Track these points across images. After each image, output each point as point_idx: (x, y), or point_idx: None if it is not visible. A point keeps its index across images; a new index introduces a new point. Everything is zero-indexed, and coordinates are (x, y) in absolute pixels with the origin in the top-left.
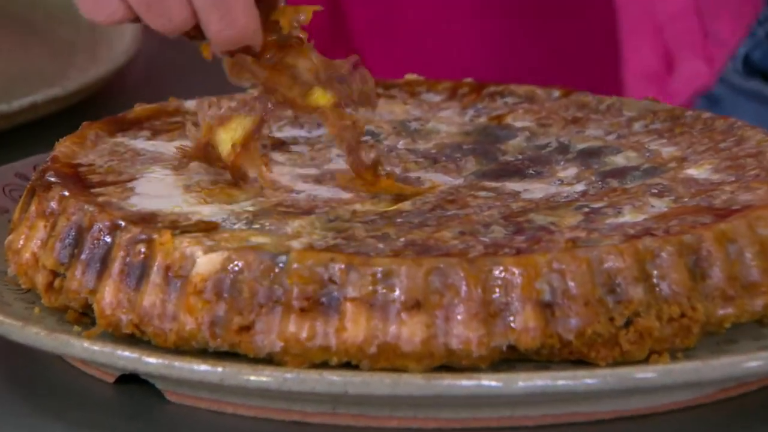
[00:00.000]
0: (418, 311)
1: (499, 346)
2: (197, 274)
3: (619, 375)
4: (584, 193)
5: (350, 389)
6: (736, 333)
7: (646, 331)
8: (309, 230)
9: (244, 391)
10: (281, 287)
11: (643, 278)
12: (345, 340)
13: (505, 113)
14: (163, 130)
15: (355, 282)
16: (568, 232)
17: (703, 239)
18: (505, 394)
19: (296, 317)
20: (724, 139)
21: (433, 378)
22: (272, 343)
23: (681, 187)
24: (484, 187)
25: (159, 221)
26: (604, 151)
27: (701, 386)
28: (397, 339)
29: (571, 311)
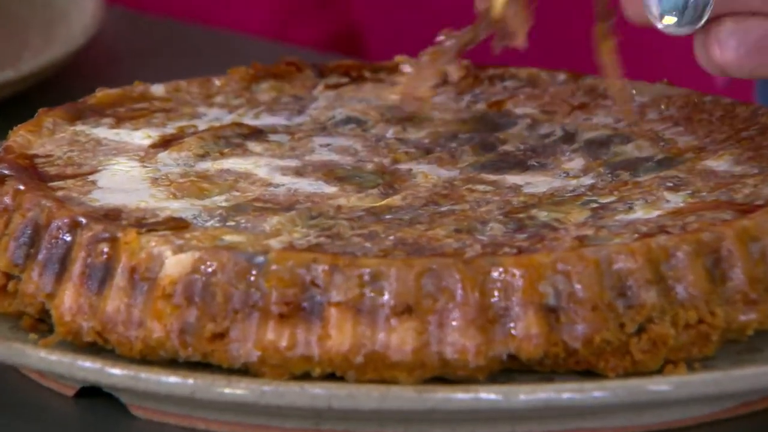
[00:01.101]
0: (410, 317)
1: (499, 355)
2: (166, 276)
3: (630, 387)
4: (592, 186)
5: (335, 403)
6: (760, 341)
7: (660, 338)
8: (289, 228)
9: (217, 406)
10: (258, 291)
11: (656, 281)
12: (329, 348)
13: (505, 99)
14: (127, 117)
15: (340, 285)
16: (575, 230)
17: (724, 237)
18: (505, 408)
19: (275, 324)
20: (746, 127)
21: (426, 391)
22: (248, 353)
23: (699, 180)
24: (482, 180)
25: (123, 218)
26: (613, 140)
27: (721, 400)
28: (386, 347)
29: (578, 317)
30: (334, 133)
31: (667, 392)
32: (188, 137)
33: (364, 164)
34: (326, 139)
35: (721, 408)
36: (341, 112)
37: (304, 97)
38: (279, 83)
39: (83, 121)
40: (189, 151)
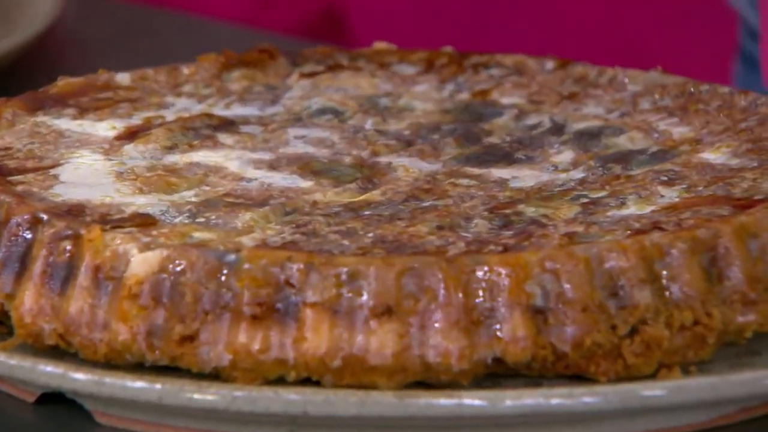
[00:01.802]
0: (390, 318)
1: (484, 358)
2: (132, 275)
3: (623, 392)
4: (582, 180)
5: (311, 409)
6: (759, 343)
7: (654, 341)
8: (262, 224)
9: (186, 412)
10: (230, 291)
11: (650, 280)
12: (304, 351)
13: (491, 88)
14: (91, 107)
15: (316, 284)
16: (564, 227)
17: (721, 234)
18: (491, 414)
19: (247, 326)
20: (745, 117)
21: (407, 396)
22: (219, 356)
23: (695, 173)
24: (466, 174)
25: (87, 214)
26: (605, 131)
27: (719, 405)
28: (364, 351)
29: (567, 318)
30: (310, 125)
31: (662, 398)
32: (155, 128)
33: (341, 157)
34: (301, 131)
35: (719, 414)
36: (317, 102)
37: (277, 87)
38: (251, 71)
39: (44, 111)
40: (156, 143)
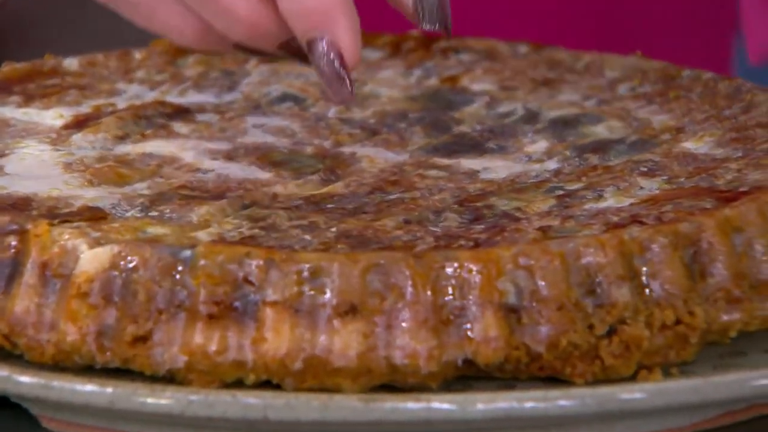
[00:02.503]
0: (354, 318)
1: (453, 360)
2: (81, 272)
3: (600, 395)
4: (557, 171)
5: (271, 414)
6: (744, 343)
7: (633, 341)
8: (219, 218)
9: (139, 417)
10: (185, 289)
11: (629, 277)
12: (264, 353)
13: (460, 74)
14: (37, 95)
15: (277, 282)
16: (538, 220)
17: (704, 228)
18: (461, 419)
19: (204, 325)
20: (729, 105)
21: (372, 400)
22: (174, 358)
23: (676, 164)
24: (435, 165)
25: (33, 208)
26: (581, 119)
27: (702, 409)
28: (327, 352)
29: (542, 317)
30: (269, 113)
31: (641, 401)
32: (105, 117)
33: (302, 147)
34: (260, 119)
35: (702, 418)
36: (277, 89)
37: (235, 72)
38: (207, 57)
39: None
40: (106, 132)
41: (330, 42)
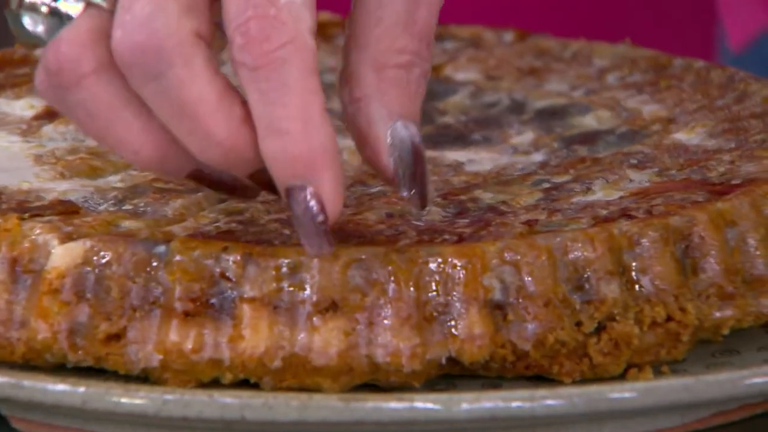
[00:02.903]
0: (334, 315)
1: (437, 358)
2: (53, 268)
3: (589, 395)
4: (544, 164)
5: (248, 414)
6: (737, 341)
7: (623, 338)
8: (195, 212)
9: (112, 417)
10: (160, 285)
11: (618, 272)
12: (241, 351)
13: (444, 62)
14: (7, 84)
15: (255, 278)
16: (524, 214)
17: (695, 222)
18: (445, 419)
19: (179, 323)
20: (721, 94)
21: (353, 399)
22: (148, 356)
23: (667, 155)
24: None
25: (3, 201)
26: (569, 110)
27: (693, 409)
28: (307, 350)
29: (528, 314)
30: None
31: (631, 400)
32: None
33: None
34: None
35: (694, 418)
36: None
37: None
38: None
39: None
40: None
41: (313, 193)
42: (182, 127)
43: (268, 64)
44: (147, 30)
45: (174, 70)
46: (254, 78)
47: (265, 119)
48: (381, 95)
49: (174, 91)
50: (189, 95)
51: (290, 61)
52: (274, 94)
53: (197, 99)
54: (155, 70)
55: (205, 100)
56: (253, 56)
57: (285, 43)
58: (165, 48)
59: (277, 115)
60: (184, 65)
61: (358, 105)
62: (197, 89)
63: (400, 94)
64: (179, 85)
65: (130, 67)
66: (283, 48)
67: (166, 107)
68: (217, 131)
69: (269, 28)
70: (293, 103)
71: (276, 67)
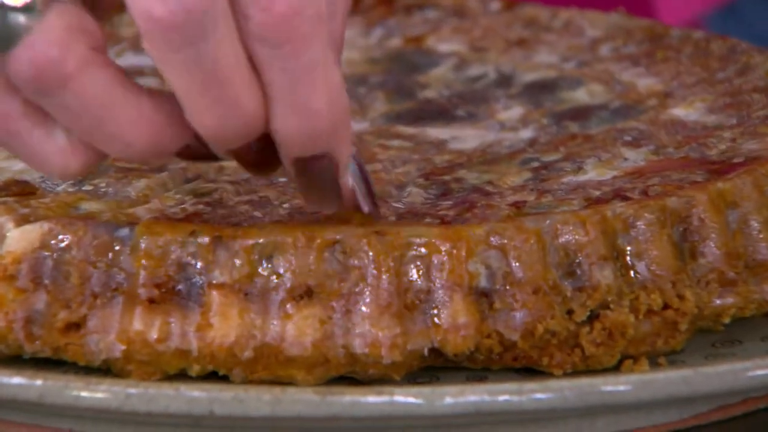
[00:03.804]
0: (309, 302)
1: (419, 349)
2: (8, 253)
3: (581, 388)
4: (533, 141)
5: (217, 408)
6: (739, 330)
7: (617, 328)
8: (160, 193)
9: (72, 412)
10: (123, 271)
11: (612, 257)
12: (210, 341)
13: (426, 33)
14: None
15: (224, 263)
16: (512, 195)
17: (694, 203)
18: (427, 414)
19: (143, 311)
20: (722, 67)
21: (329, 393)
22: (110, 347)
23: (663, 132)
24: (398, 134)
25: None
26: (559, 83)
27: (692, 403)
28: (280, 340)
29: (516, 302)
30: None
31: (626, 393)
32: None
33: None
34: None
35: (693, 413)
36: None
37: None
38: None
39: None
40: None
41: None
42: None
43: (293, 41)
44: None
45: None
46: (278, 56)
47: (289, 98)
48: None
49: (211, 61)
50: (224, 61)
51: (316, 36)
52: (300, 72)
53: (231, 67)
54: (191, 37)
55: (238, 67)
56: (278, 33)
57: (310, 17)
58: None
59: (304, 94)
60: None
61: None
62: (232, 56)
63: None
64: (215, 53)
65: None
66: (307, 23)
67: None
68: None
69: (296, 3)
70: (320, 81)
71: (302, 45)
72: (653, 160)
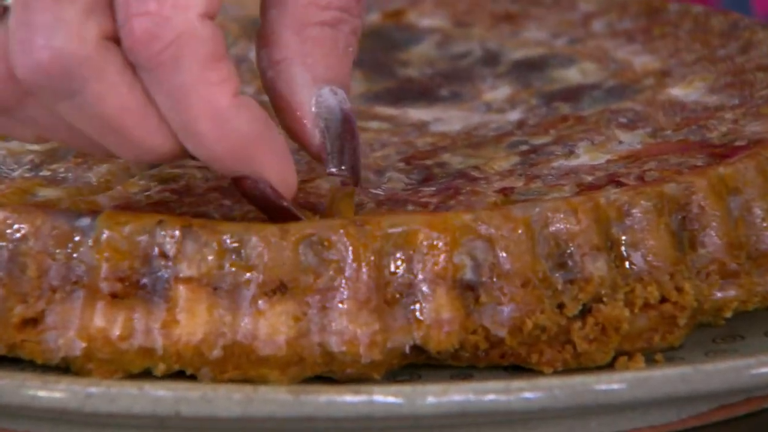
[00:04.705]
0: (283, 297)
1: (400, 346)
2: None
3: (572, 387)
4: (521, 123)
5: (184, 409)
6: (741, 325)
7: (611, 323)
8: (123, 179)
9: (28, 413)
10: (83, 263)
11: (606, 247)
12: (176, 338)
13: (406, 7)
14: None
15: (192, 255)
16: (499, 181)
17: (694, 189)
18: (409, 414)
19: (105, 306)
20: (723, 44)
21: (304, 392)
22: (70, 344)
23: (661, 113)
24: (377, 116)
25: None
26: (549, 62)
27: (692, 402)
28: (252, 337)
29: (503, 295)
30: None
31: (620, 393)
32: None
33: None
34: None
35: (692, 414)
36: None
37: None
38: None
39: None
40: None
41: (256, 181)
42: (110, 139)
43: (159, 66)
44: (48, 50)
45: (88, 87)
46: (151, 80)
47: (175, 122)
48: (304, 57)
49: (93, 107)
50: (110, 109)
51: (183, 57)
52: (175, 95)
53: (120, 111)
54: (66, 91)
55: (129, 110)
56: (142, 59)
57: (172, 41)
58: (72, 66)
59: (184, 118)
60: (98, 79)
61: (277, 68)
62: (117, 101)
63: (326, 55)
64: (97, 100)
65: (36, 89)
66: (170, 47)
67: (87, 123)
68: (148, 139)
69: (152, 26)
70: (197, 103)
71: (169, 69)
72: (650, 143)
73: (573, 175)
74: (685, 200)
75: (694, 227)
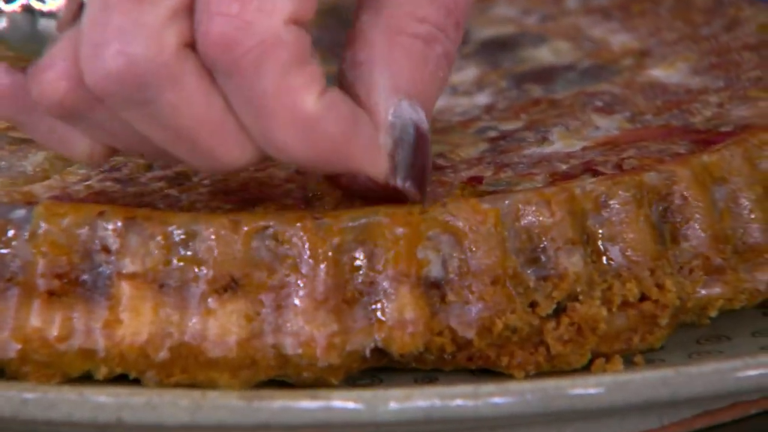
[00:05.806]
0: (234, 295)
1: (360, 349)
2: None
3: (546, 391)
4: (490, 107)
5: (127, 415)
6: (727, 325)
7: (587, 322)
8: (60, 168)
9: None
10: (18, 259)
11: (581, 241)
12: (119, 339)
13: None
14: None
15: (137, 249)
16: (466, 170)
17: (676, 179)
18: (369, 421)
19: (42, 305)
20: (707, 21)
21: (257, 398)
22: (4, 345)
23: (640, 96)
24: None
25: None
26: (520, 40)
27: (675, 407)
28: (200, 338)
29: (471, 294)
30: None
31: (597, 397)
32: None
33: None
34: None
35: (674, 419)
36: None
37: None
38: None
39: None
40: None
41: (354, 176)
42: (182, 150)
43: (238, 72)
44: (123, 57)
45: (163, 96)
46: (229, 86)
47: (256, 131)
48: (389, 63)
49: (167, 118)
50: (186, 120)
51: (264, 64)
52: (256, 103)
53: (196, 123)
54: (139, 99)
55: (205, 123)
56: (220, 63)
57: (252, 47)
58: (147, 75)
59: (266, 127)
60: (174, 89)
61: (359, 70)
62: (194, 112)
63: (412, 68)
64: (172, 111)
65: (106, 96)
66: (250, 52)
67: (160, 132)
68: (225, 152)
69: (232, 30)
70: (280, 111)
71: (249, 75)
72: (628, 128)
73: (546, 163)
74: (666, 190)
75: (676, 219)
